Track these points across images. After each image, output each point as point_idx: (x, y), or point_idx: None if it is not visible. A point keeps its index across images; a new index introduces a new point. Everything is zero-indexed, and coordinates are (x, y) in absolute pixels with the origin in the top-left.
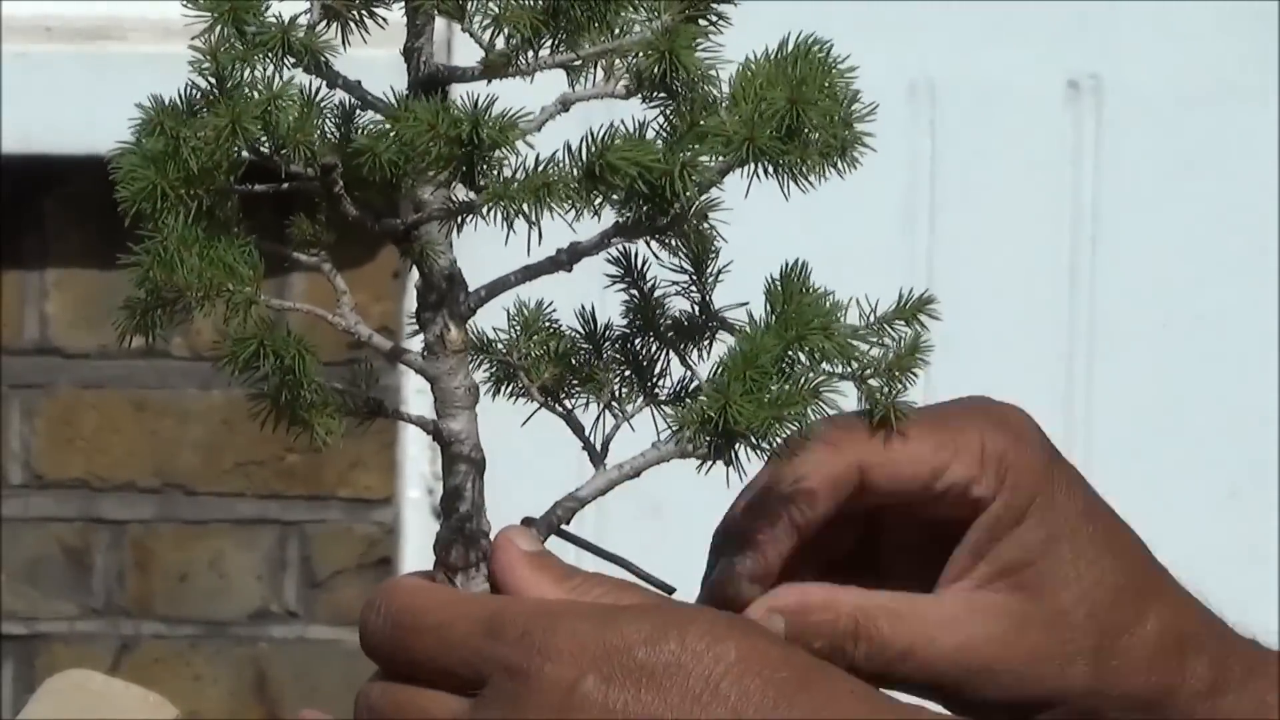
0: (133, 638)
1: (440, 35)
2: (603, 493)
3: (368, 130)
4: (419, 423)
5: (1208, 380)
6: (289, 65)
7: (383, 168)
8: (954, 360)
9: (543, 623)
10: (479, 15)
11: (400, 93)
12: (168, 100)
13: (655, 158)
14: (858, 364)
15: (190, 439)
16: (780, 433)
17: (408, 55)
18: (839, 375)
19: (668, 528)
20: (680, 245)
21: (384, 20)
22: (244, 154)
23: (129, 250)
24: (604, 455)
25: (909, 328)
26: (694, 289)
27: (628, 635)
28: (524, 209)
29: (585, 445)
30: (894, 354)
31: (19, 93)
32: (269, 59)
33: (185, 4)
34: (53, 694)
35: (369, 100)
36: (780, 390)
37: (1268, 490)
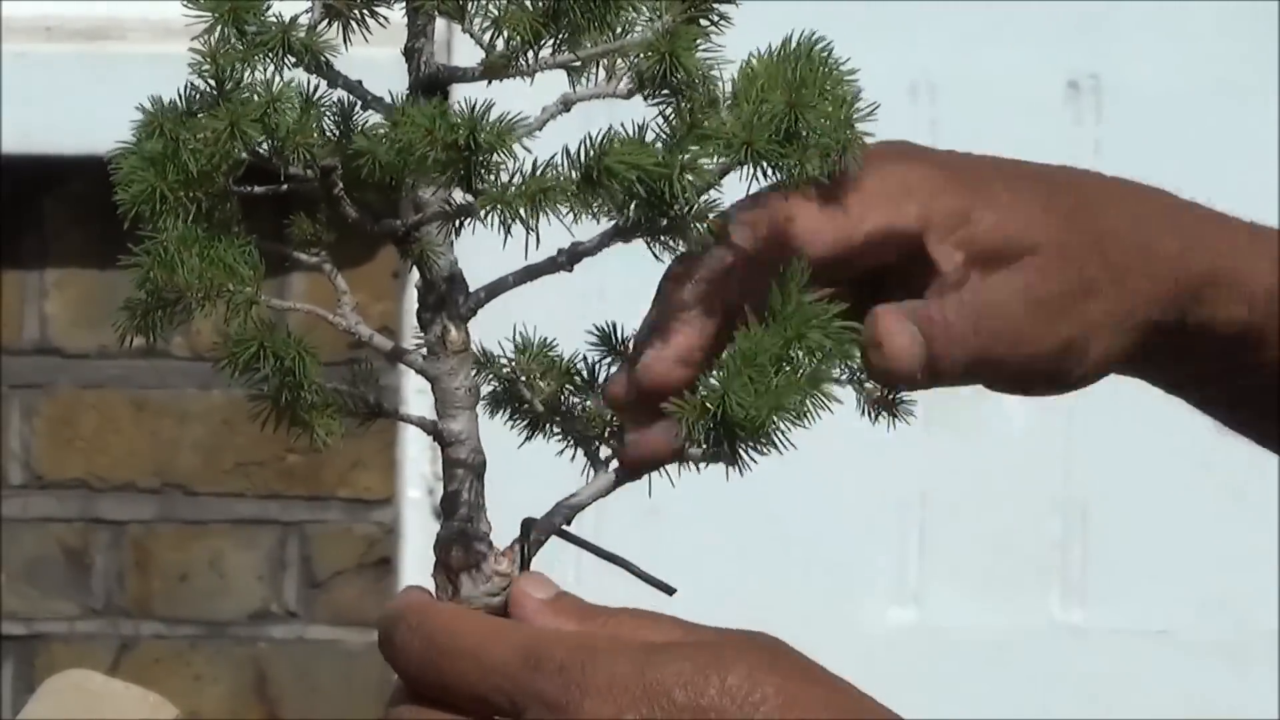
0: (133, 638)
1: (440, 35)
2: (603, 494)
3: (367, 132)
4: (419, 423)
5: None
6: (289, 65)
7: (381, 170)
8: None
9: (582, 657)
10: (479, 16)
11: (401, 93)
12: (167, 101)
13: (654, 161)
14: (857, 365)
15: (190, 439)
16: (779, 425)
17: (408, 55)
18: (837, 380)
19: (668, 528)
20: (679, 247)
21: (385, 20)
22: (243, 155)
23: (129, 250)
24: (601, 458)
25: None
26: None
27: (667, 675)
28: (521, 213)
29: (585, 451)
30: None
31: (19, 93)
32: (269, 59)
33: (186, 4)
34: (53, 694)
35: (369, 100)
36: (778, 382)
37: (1268, 490)
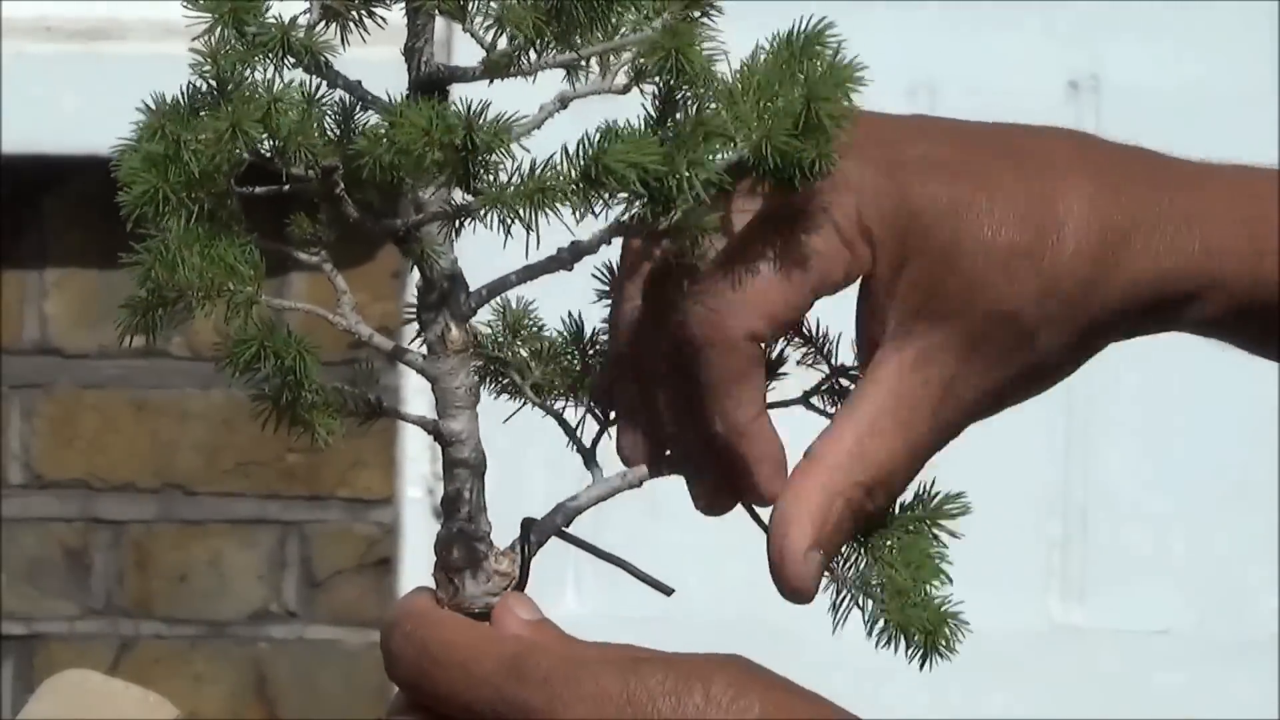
0: (133, 638)
1: (440, 35)
2: (603, 499)
3: (366, 132)
4: (419, 423)
5: (1208, 379)
6: (289, 65)
7: (381, 170)
8: None
9: (566, 668)
10: (480, 15)
11: (400, 93)
12: (168, 101)
13: (655, 158)
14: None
15: (190, 439)
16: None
17: (408, 55)
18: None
19: (667, 528)
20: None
21: (383, 20)
22: (244, 156)
23: (129, 250)
24: (594, 456)
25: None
26: None
27: (651, 686)
28: (521, 213)
29: (578, 448)
30: None
31: (19, 93)
32: (269, 59)
33: (186, 4)
34: (53, 694)
35: (369, 100)
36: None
37: (1268, 490)
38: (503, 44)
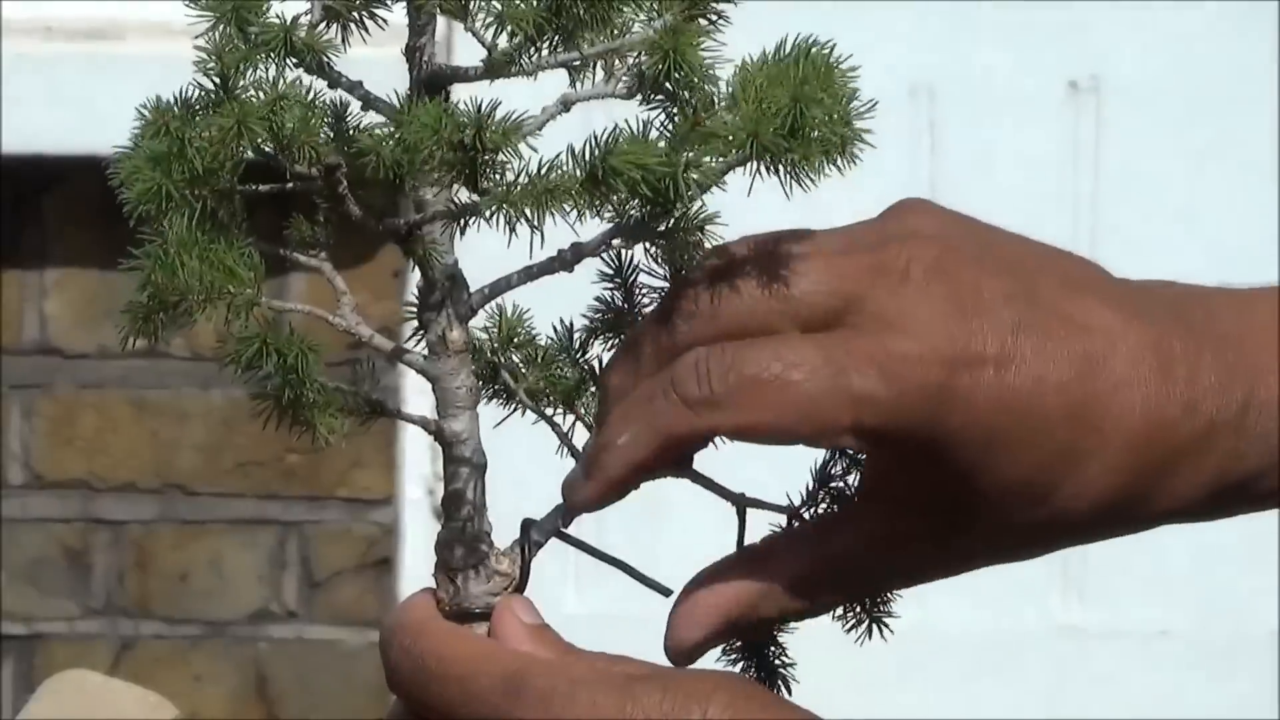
0: (133, 638)
1: (440, 35)
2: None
3: (371, 131)
4: (420, 423)
5: None
6: (291, 65)
7: (385, 169)
8: None
9: (564, 686)
10: (482, 14)
11: (402, 93)
12: (169, 100)
13: (659, 160)
14: None
15: (190, 439)
16: None
17: (410, 54)
18: None
19: (668, 528)
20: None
21: (384, 21)
22: (248, 154)
23: (129, 251)
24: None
25: None
26: None
27: (648, 707)
28: (527, 213)
29: (571, 452)
30: None
31: (19, 93)
32: (271, 59)
33: (188, 4)
34: (52, 694)
35: (371, 100)
36: None
37: None
38: (504, 43)
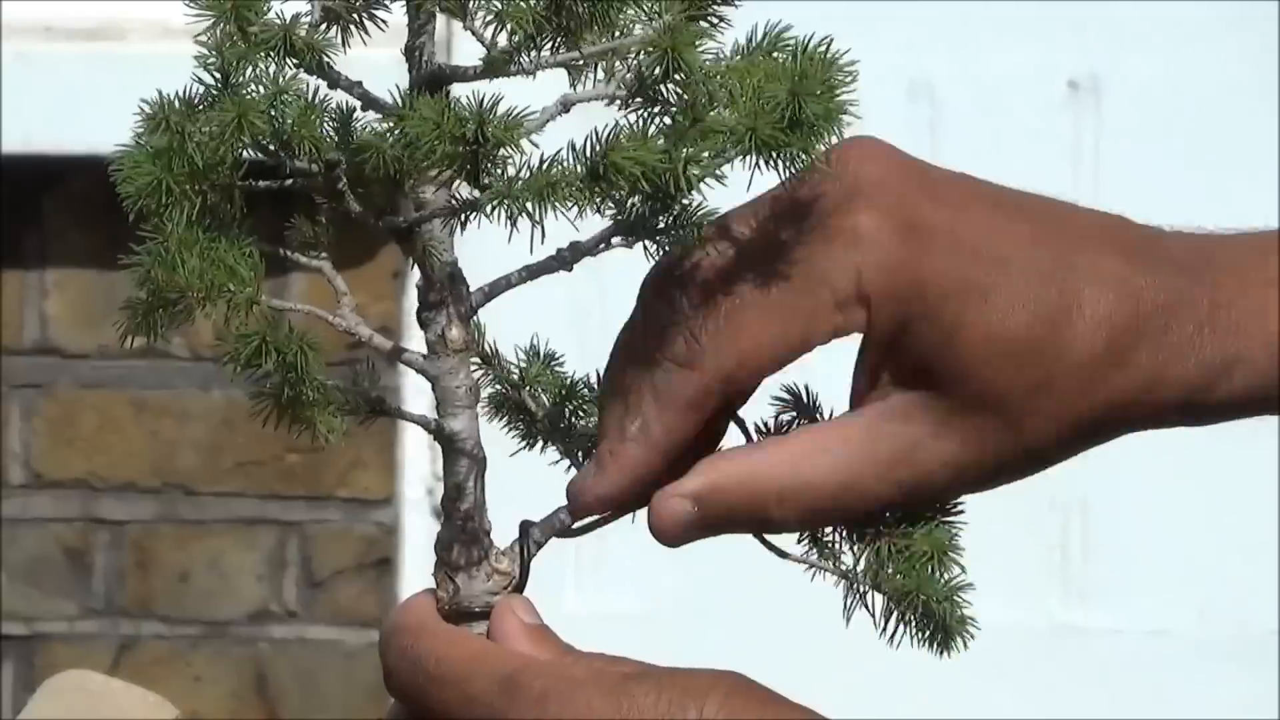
0: (133, 638)
1: (440, 36)
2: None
3: (371, 128)
4: (420, 422)
5: None
6: (291, 66)
7: (386, 164)
8: None
9: (560, 688)
10: (481, 12)
11: (403, 92)
12: (171, 96)
13: (659, 156)
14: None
15: (190, 439)
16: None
17: (409, 54)
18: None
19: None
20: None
21: (384, 22)
22: (248, 150)
23: (130, 250)
24: None
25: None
26: None
27: (644, 706)
28: (528, 208)
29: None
30: None
31: (19, 93)
32: (271, 58)
33: (188, 3)
34: (53, 694)
35: (370, 100)
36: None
37: (1268, 490)
38: (503, 41)
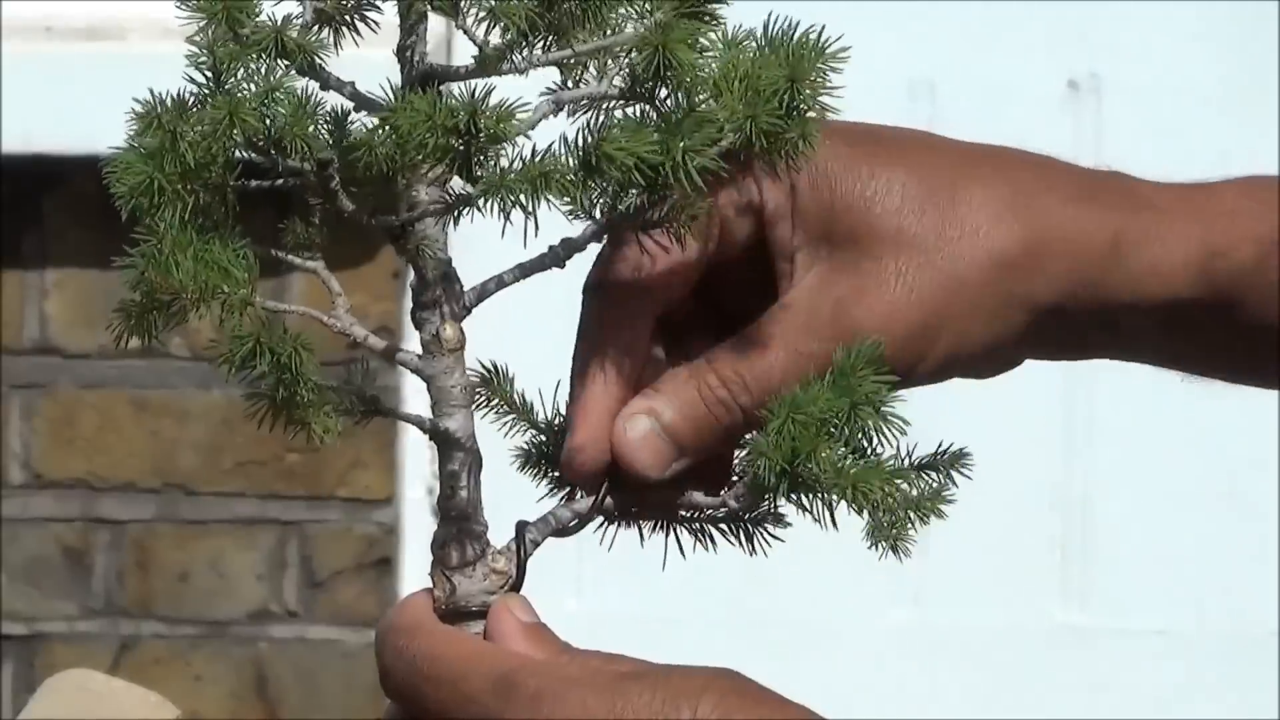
0: (133, 638)
1: (440, 37)
2: (601, 500)
3: (362, 125)
4: (415, 421)
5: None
6: (283, 67)
7: (379, 161)
8: None
9: (554, 688)
10: (474, 10)
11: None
12: (163, 95)
13: (652, 147)
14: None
15: (190, 439)
16: (846, 501)
17: (401, 53)
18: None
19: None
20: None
21: (376, 24)
22: (240, 150)
23: (126, 250)
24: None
25: (938, 475)
26: None
27: (638, 706)
28: (521, 200)
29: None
30: (918, 494)
31: (19, 93)
32: (263, 59)
33: (179, 4)
34: (53, 694)
35: (362, 100)
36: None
37: (1268, 490)
38: (495, 39)
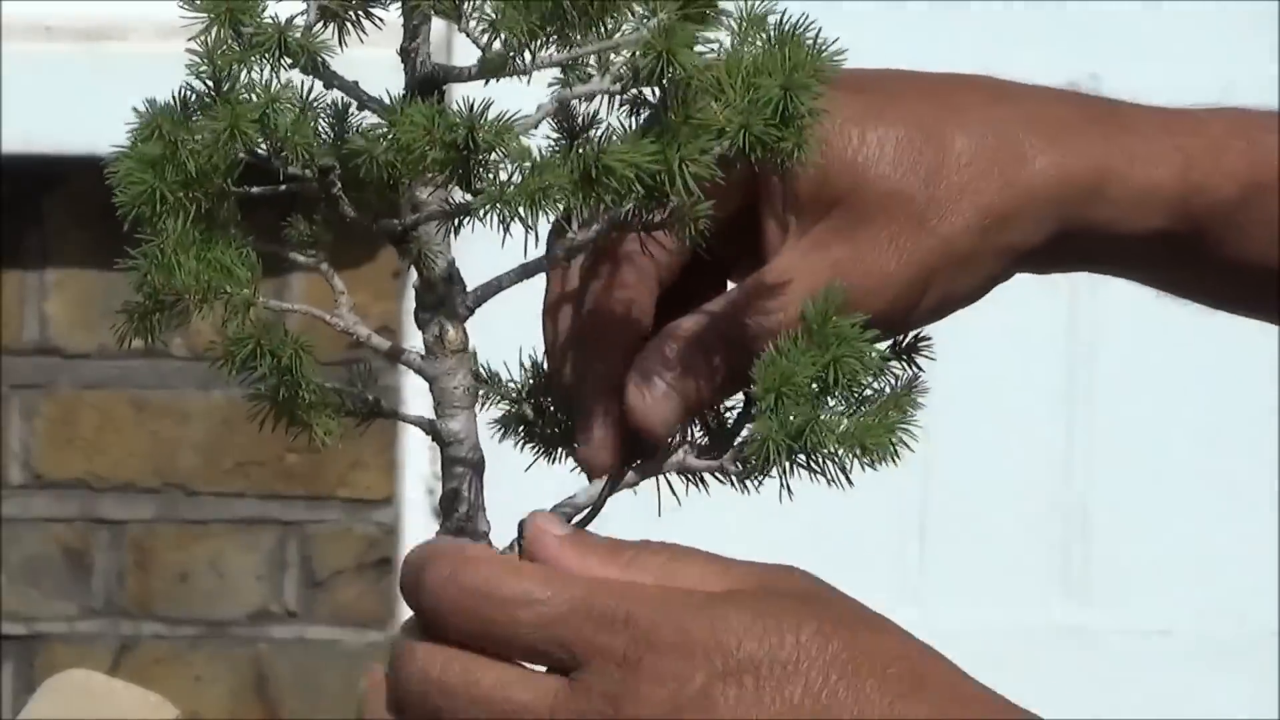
0: (133, 638)
1: (441, 36)
2: (600, 500)
3: (364, 132)
4: (417, 423)
5: (1208, 378)
6: (286, 66)
7: (379, 169)
8: (955, 358)
9: (646, 611)
10: (475, 17)
11: (397, 93)
12: (164, 102)
13: (652, 158)
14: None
15: (190, 439)
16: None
17: (404, 56)
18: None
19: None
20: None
21: (381, 21)
22: (242, 156)
23: (128, 252)
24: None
25: (903, 368)
26: None
27: (739, 631)
28: (520, 212)
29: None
30: (890, 391)
31: (19, 93)
32: (266, 60)
33: (182, 4)
34: (53, 694)
35: (366, 100)
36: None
37: (1268, 490)
38: (497, 45)
